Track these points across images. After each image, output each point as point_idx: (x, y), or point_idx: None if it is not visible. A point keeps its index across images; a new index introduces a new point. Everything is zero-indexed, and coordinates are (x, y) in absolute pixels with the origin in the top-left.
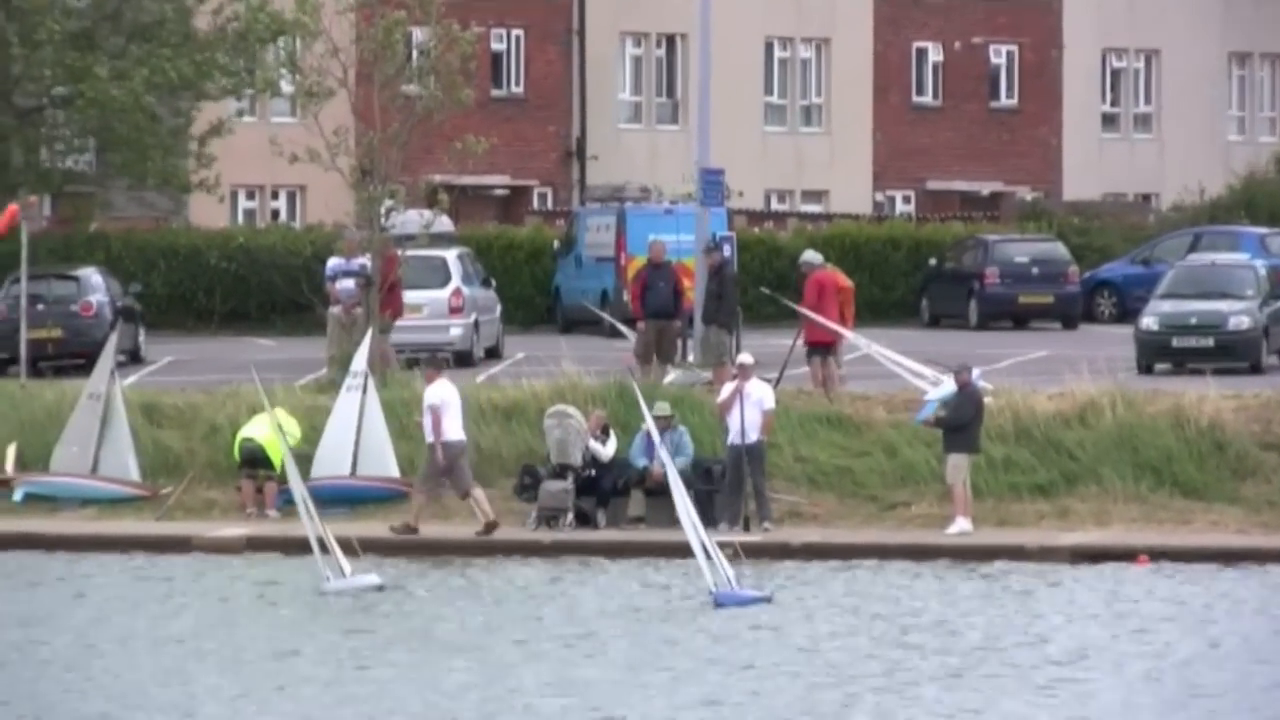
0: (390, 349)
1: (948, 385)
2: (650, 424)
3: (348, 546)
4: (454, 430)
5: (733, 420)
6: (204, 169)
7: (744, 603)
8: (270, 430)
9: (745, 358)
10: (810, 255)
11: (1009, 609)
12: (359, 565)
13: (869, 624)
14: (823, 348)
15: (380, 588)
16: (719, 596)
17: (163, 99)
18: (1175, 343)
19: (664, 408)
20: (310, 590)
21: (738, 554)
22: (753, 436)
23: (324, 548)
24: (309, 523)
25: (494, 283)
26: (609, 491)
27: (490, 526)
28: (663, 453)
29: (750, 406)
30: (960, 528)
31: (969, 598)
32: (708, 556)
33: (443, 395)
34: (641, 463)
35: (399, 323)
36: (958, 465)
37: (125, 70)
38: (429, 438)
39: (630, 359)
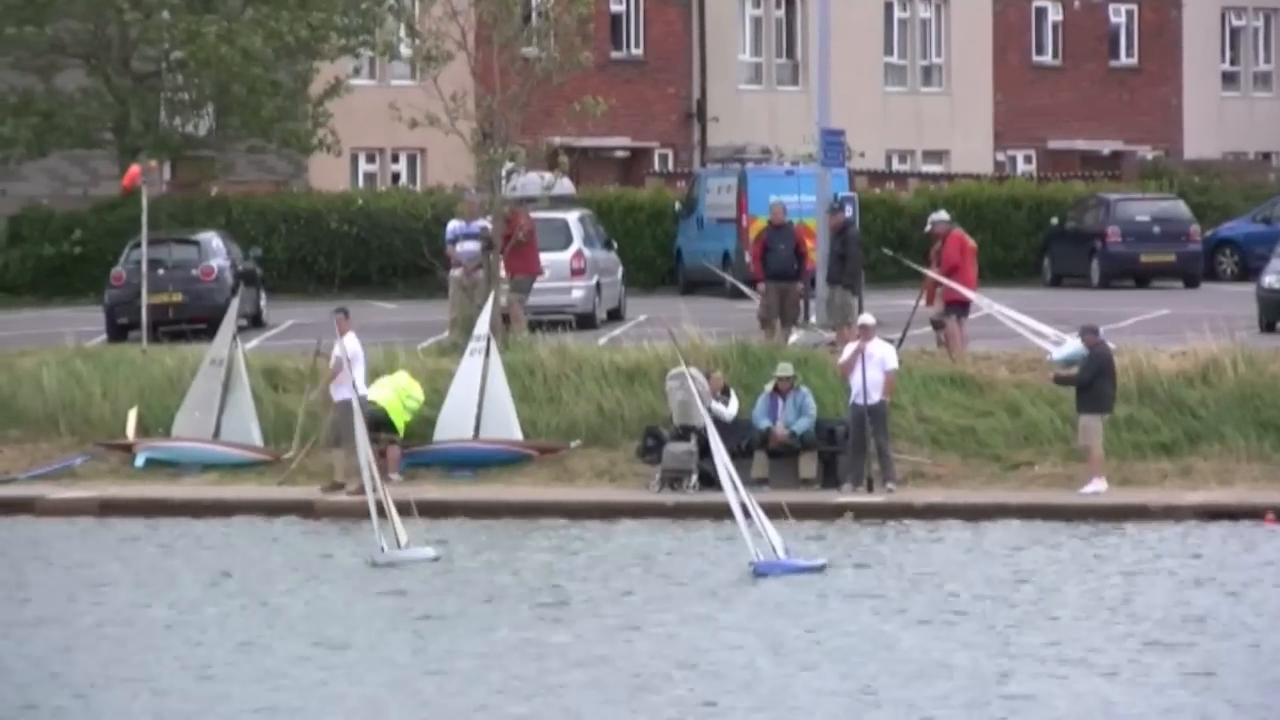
0: (518, 307)
1: (1072, 344)
2: (696, 392)
3: (406, 510)
4: (348, 386)
5: (855, 380)
6: (321, 128)
7: (791, 571)
8: (393, 393)
9: (867, 318)
10: (942, 215)
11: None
12: (417, 535)
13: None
14: (960, 306)
15: (435, 559)
16: (760, 566)
17: (280, 60)
18: None
19: (786, 369)
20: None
21: (851, 516)
22: (875, 397)
23: (383, 513)
24: (370, 491)
25: (615, 245)
26: (732, 453)
27: (336, 486)
28: (704, 412)
29: (872, 367)
30: (1095, 488)
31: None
32: (750, 522)
33: (354, 348)
34: (764, 424)
35: None
36: (1088, 426)
37: (240, 32)
38: (338, 394)
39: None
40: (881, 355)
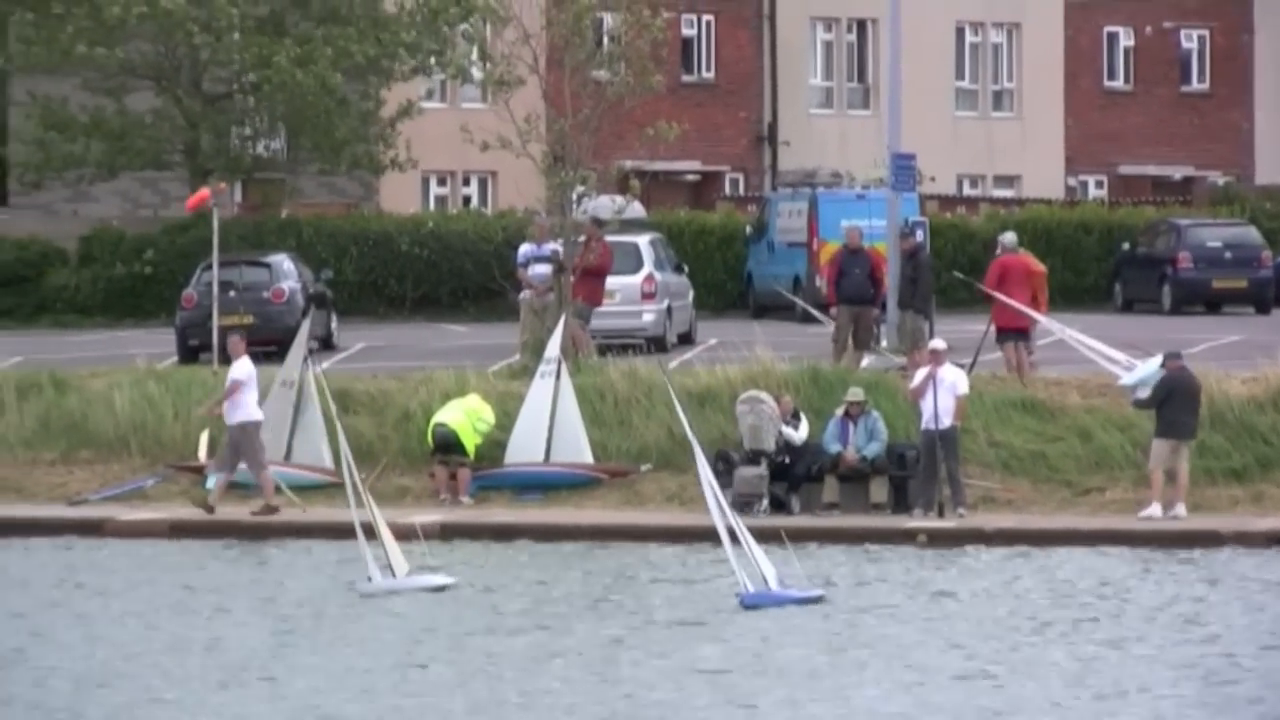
0: (581, 332)
1: (1143, 368)
2: (686, 425)
3: (408, 535)
4: (255, 409)
5: (926, 406)
6: (392, 148)
7: (782, 603)
8: (463, 416)
9: (938, 343)
10: (1006, 237)
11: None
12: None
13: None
14: (1014, 333)
15: (441, 588)
16: (748, 598)
17: (350, 82)
18: None
19: (857, 393)
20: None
21: (925, 540)
22: (946, 422)
23: (371, 537)
24: (355, 511)
25: (686, 268)
26: (803, 477)
27: (269, 509)
28: (690, 435)
29: (943, 392)
30: (1151, 511)
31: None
32: (741, 550)
33: (248, 370)
34: (835, 448)
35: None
36: (1156, 450)
37: (311, 53)
38: (234, 416)
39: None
40: (953, 380)
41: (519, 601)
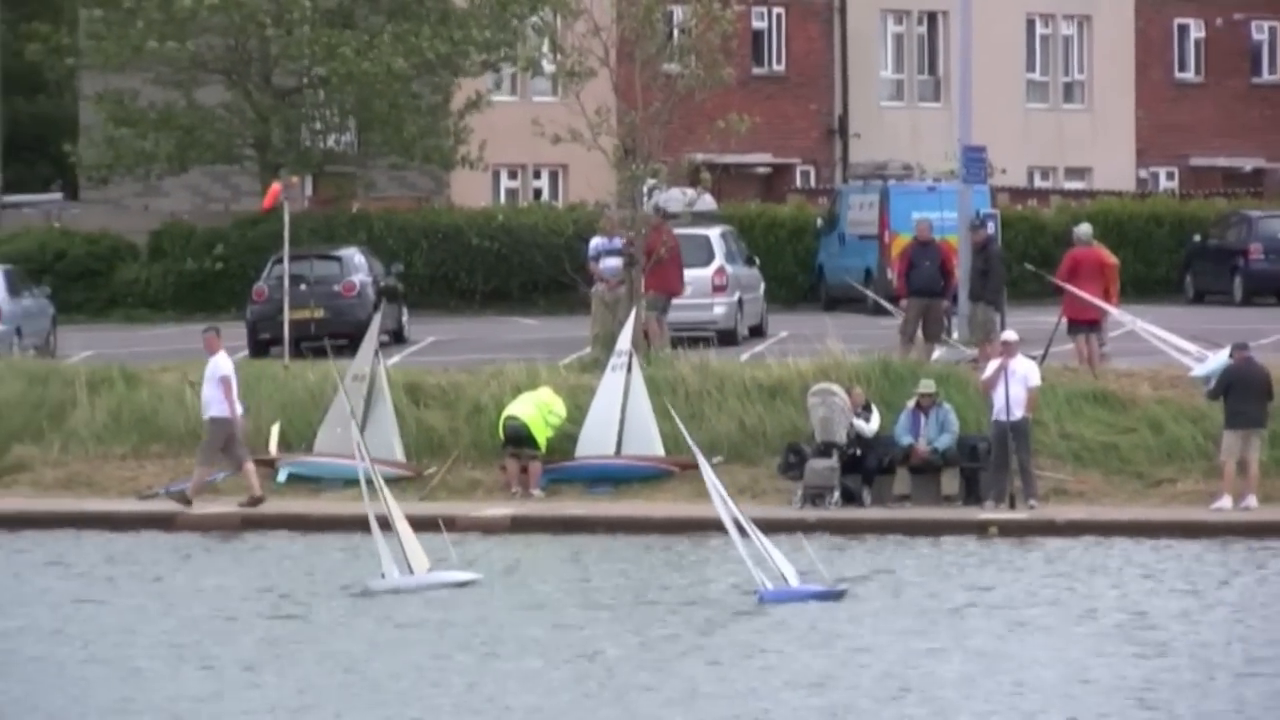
0: (655, 325)
1: (1215, 360)
2: (681, 428)
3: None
4: (232, 405)
5: (997, 397)
6: (463, 144)
7: (803, 599)
8: (534, 409)
9: (1010, 335)
10: (1080, 230)
11: None
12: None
13: None
14: (1085, 325)
15: (463, 584)
16: (766, 595)
17: (420, 76)
18: None
19: (929, 385)
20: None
21: (996, 532)
22: (1018, 414)
23: (386, 528)
24: (369, 504)
25: (757, 261)
26: (874, 469)
27: (255, 501)
28: (691, 445)
29: (1015, 383)
30: (1221, 504)
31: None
32: (751, 546)
33: (230, 365)
34: (906, 440)
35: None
36: (1227, 443)
37: (380, 48)
38: (214, 410)
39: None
40: (1024, 372)
41: (557, 595)
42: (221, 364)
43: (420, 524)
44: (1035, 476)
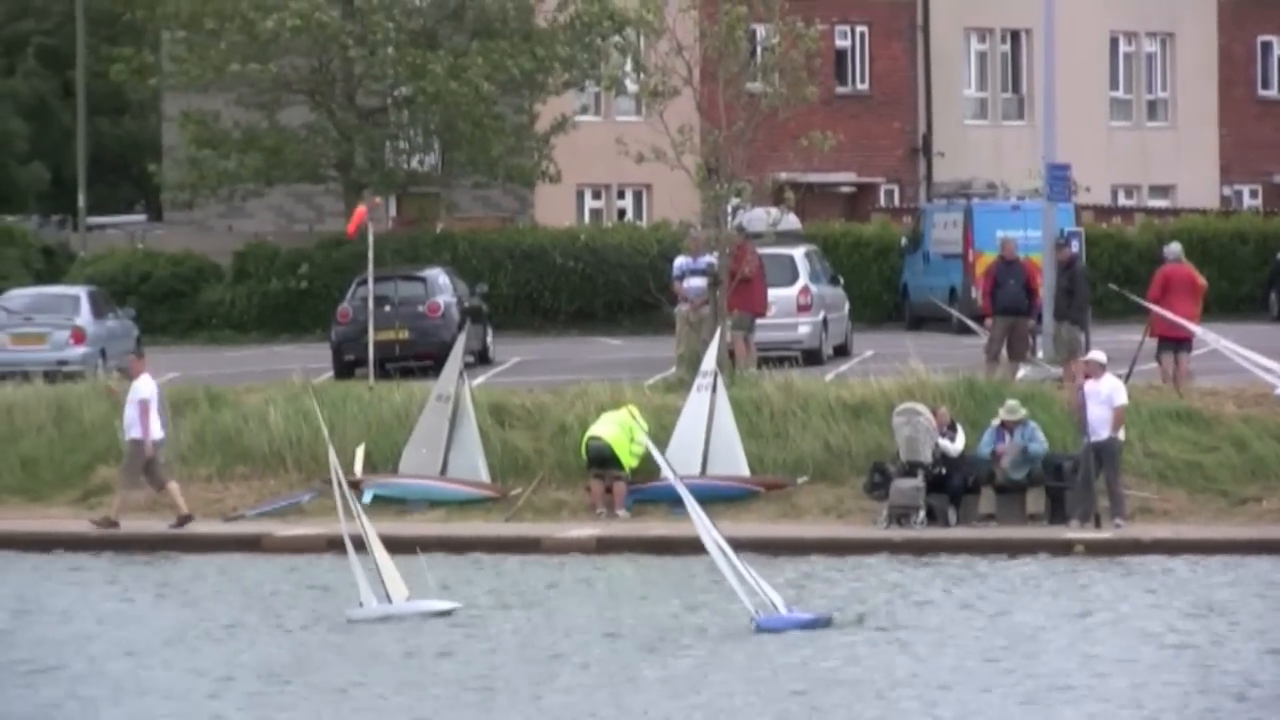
0: (742, 344)
1: None
2: (666, 469)
3: (401, 549)
4: (156, 426)
5: (1086, 417)
6: (545, 160)
7: (794, 627)
8: (618, 429)
9: (1097, 355)
10: (1171, 248)
11: None
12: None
13: None
14: (1172, 343)
15: (446, 613)
16: (762, 622)
17: (504, 95)
18: None
19: (1014, 408)
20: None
21: (1082, 550)
22: (1104, 433)
23: (361, 548)
24: (346, 528)
25: (842, 280)
26: (959, 489)
27: (184, 520)
28: (660, 459)
29: (1099, 404)
30: None
31: None
32: (741, 580)
33: (152, 389)
34: (988, 451)
35: None
36: None
37: (465, 66)
38: (134, 432)
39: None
40: (1109, 392)
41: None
42: (141, 387)
43: (506, 545)
44: (1124, 497)
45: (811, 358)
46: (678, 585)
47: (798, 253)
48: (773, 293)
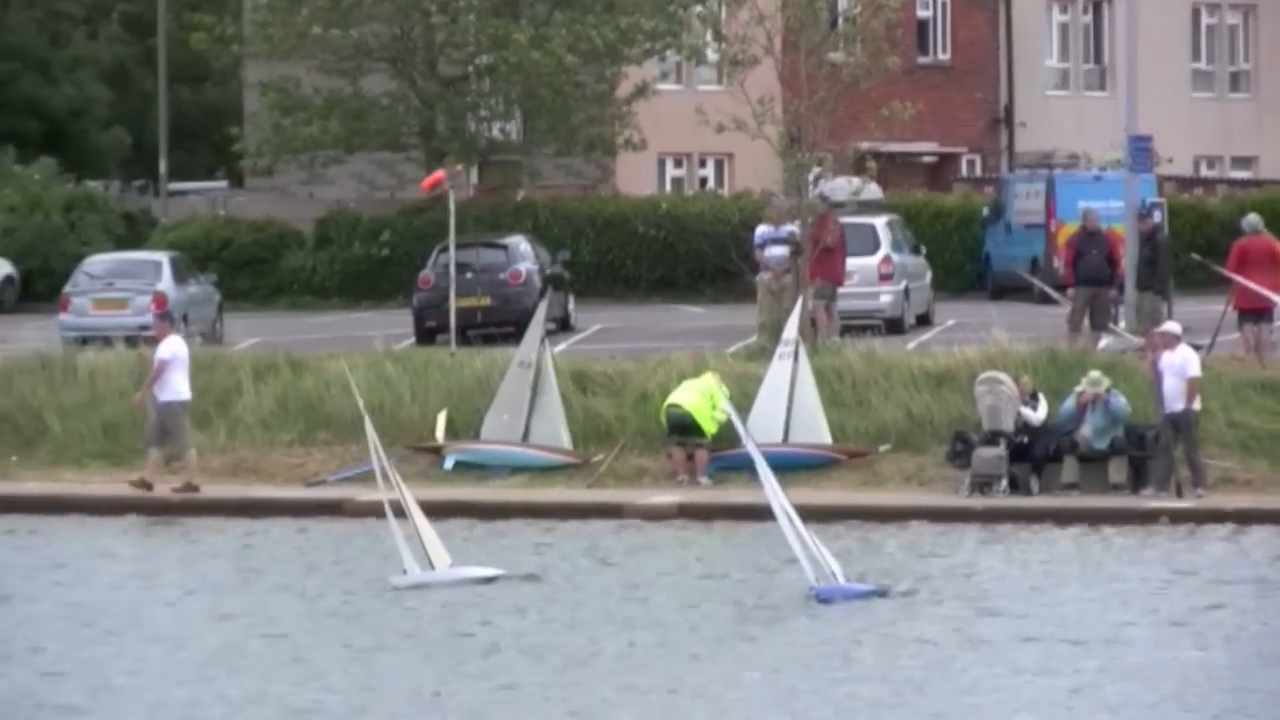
0: (824, 313)
1: None
2: (743, 434)
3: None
4: (182, 388)
5: (1161, 389)
6: (627, 128)
7: (851, 597)
8: (699, 397)
9: (1171, 326)
10: (1248, 219)
11: None
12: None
13: None
14: (1253, 314)
15: (490, 579)
16: (821, 592)
17: (586, 64)
18: None
19: (1097, 379)
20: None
21: (1166, 521)
22: (1178, 405)
23: (401, 513)
24: (384, 494)
25: (924, 249)
26: (1042, 458)
27: (190, 487)
28: (739, 425)
29: (1172, 375)
30: None
31: None
32: (805, 549)
33: (174, 350)
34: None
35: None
36: None
37: (548, 35)
38: (164, 395)
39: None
40: (1181, 363)
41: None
42: (162, 348)
43: (588, 511)
44: (1204, 466)
45: (894, 327)
46: (754, 552)
47: (879, 222)
48: (854, 262)
